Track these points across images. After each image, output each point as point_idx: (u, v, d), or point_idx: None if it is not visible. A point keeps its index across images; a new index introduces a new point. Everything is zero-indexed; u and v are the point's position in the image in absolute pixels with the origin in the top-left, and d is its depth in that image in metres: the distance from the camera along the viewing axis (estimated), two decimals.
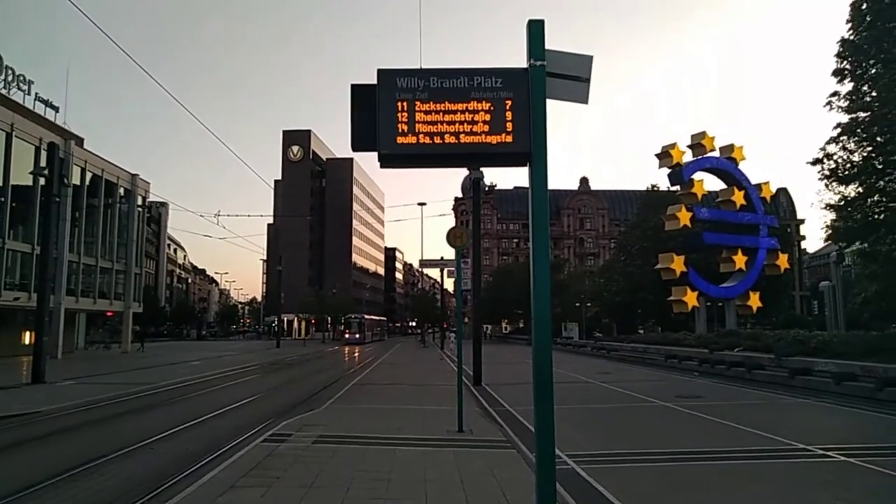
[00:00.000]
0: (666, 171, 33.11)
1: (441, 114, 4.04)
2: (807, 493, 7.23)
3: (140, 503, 6.83)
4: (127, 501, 6.89)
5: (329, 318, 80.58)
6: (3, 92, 34.77)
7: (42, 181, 25.59)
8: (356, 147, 4.16)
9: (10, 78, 35.31)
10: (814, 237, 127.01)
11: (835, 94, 23.71)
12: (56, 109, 39.49)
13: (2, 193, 32.67)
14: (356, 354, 43.84)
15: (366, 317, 74.22)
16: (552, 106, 4.13)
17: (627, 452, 9.36)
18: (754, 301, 33.19)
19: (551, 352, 3.94)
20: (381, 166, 4.24)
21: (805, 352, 19.52)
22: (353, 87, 4.19)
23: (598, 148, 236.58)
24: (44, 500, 7.08)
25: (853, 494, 7.20)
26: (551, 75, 4.12)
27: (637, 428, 11.87)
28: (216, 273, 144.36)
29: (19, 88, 36.07)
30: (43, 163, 27.80)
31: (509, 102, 4.04)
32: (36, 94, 37.58)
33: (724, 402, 15.50)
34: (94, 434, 11.89)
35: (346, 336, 70.55)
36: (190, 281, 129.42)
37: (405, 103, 4.04)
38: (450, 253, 13.67)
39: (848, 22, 23.58)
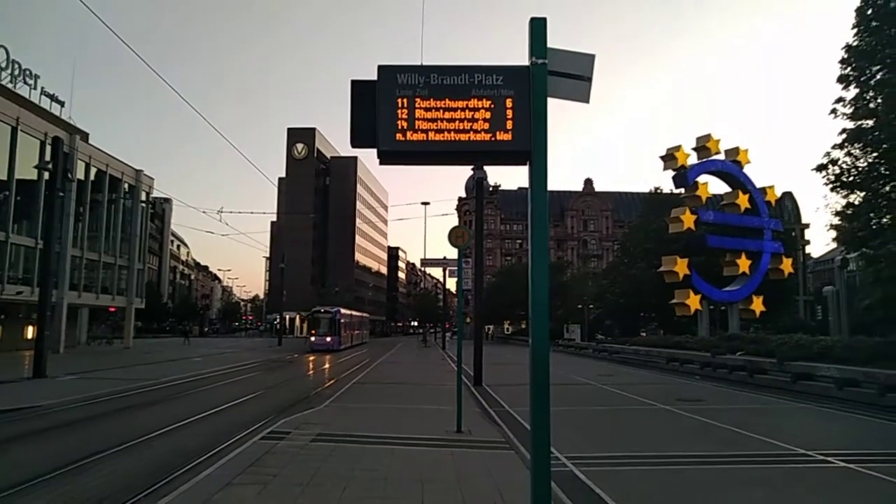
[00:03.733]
0: (670, 173, 32.89)
1: (441, 111, 4.00)
2: (805, 498, 7.18)
3: (137, 499, 6.82)
4: (124, 497, 6.87)
5: None
6: (9, 86, 34.77)
7: (46, 175, 25.73)
8: (355, 143, 4.13)
9: (16, 72, 35.29)
10: (818, 242, 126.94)
11: (840, 100, 23.60)
12: (62, 104, 39.48)
13: (6, 187, 32.71)
14: (356, 354, 43.62)
15: (343, 311, 47.77)
16: (557, 106, 4.08)
17: (626, 455, 9.31)
18: (757, 305, 32.99)
19: (549, 351, 3.90)
20: (381, 163, 4.21)
21: (808, 356, 19.38)
22: (353, 82, 4.15)
23: (603, 150, 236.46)
24: (41, 494, 7.07)
25: (851, 500, 7.14)
26: (553, 73, 4.08)
27: (637, 431, 11.82)
28: (219, 270, 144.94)
29: (25, 82, 36.05)
30: (48, 157, 27.91)
31: (510, 100, 4.00)
32: (42, 88, 37.54)
33: (725, 406, 15.44)
34: (93, 429, 11.89)
35: (313, 339, 45.02)
36: (193, 277, 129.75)
37: (405, 100, 4.00)
38: (452, 253, 13.62)
39: (854, 28, 23.46)
